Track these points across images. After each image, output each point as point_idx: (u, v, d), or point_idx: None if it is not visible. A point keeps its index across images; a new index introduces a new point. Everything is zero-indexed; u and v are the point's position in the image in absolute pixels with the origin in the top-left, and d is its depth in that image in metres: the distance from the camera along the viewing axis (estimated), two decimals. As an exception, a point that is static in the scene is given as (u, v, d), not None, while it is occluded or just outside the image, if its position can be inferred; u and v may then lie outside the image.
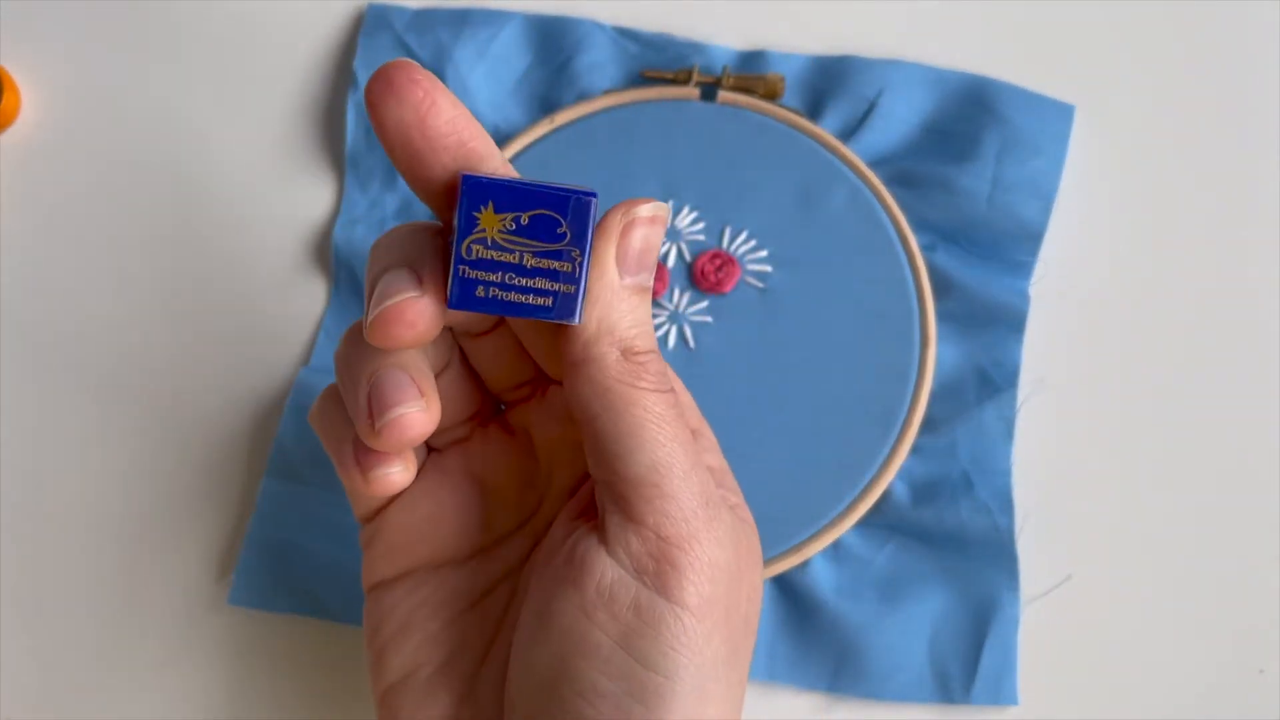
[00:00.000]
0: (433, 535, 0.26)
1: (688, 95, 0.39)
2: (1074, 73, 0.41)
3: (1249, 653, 0.35)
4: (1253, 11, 0.42)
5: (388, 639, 0.26)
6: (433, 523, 0.26)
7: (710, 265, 0.37)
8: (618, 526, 0.22)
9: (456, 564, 0.26)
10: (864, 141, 0.39)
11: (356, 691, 0.36)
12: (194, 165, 0.41)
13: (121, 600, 0.36)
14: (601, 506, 0.23)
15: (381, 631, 0.26)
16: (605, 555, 0.22)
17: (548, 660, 0.22)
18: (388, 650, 0.26)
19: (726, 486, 0.25)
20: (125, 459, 0.38)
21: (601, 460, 0.22)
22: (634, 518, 0.22)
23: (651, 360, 0.22)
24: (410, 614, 0.26)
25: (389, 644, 0.26)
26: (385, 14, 0.41)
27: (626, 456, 0.22)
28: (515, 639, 0.24)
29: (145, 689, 0.36)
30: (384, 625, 0.26)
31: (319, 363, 0.38)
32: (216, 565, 0.37)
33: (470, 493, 0.26)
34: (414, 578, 0.26)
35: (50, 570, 0.37)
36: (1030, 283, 0.38)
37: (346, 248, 0.39)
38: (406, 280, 0.21)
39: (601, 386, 0.22)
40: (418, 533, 0.26)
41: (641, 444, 0.22)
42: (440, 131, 0.21)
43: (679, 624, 0.22)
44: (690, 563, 0.22)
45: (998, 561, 0.35)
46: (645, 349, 0.22)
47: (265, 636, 0.36)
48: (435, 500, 0.26)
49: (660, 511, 0.22)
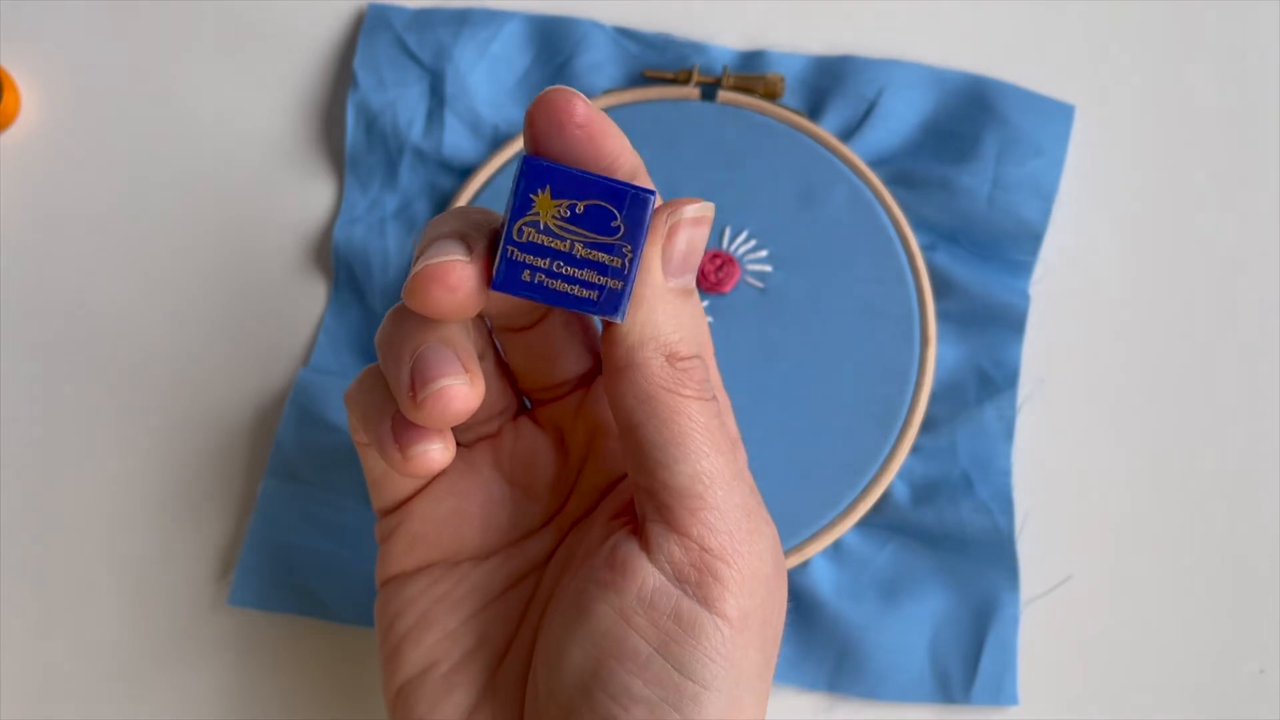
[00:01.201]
0: (457, 529, 0.26)
1: (688, 95, 0.39)
2: (1074, 72, 0.41)
3: (1249, 653, 0.35)
4: (1253, 11, 0.42)
5: (404, 633, 0.26)
6: (458, 516, 0.26)
7: (710, 265, 0.37)
8: (660, 534, 0.22)
9: (479, 559, 0.26)
10: (864, 141, 0.39)
11: (357, 691, 0.36)
12: (194, 165, 0.41)
13: (122, 600, 0.36)
14: (642, 511, 0.23)
15: (398, 626, 0.26)
16: (647, 562, 0.22)
17: (581, 661, 0.22)
18: (404, 645, 0.26)
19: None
20: (125, 459, 0.38)
21: (644, 467, 0.22)
22: (677, 527, 0.22)
23: (695, 367, 0.22)
24: (429, 608, 0.26)
25: (406, 638, 0.26)
26: (385, 14, 0.41)
27: (671, 465, 0.22)
28: (545, 636, 0.24)
29: (146, 689, 0.36)
30: (401, 619, 0.26)
31: (318, 363, 0.38)
32: (216, 565, 0.37)
33: (497, 488, 0.26)
34: (434, 571, 0.26)
35: (50, 570, 0.37)
36: (1030, 282, 0.38)
37: (346, 248, 0.39)
38: (456, 246, 0.21)
39: (645, 393, 0.22)
40: (442, 525, 0.26)
41: (685, 454, 0.22)
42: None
43: (719, 634, 0.22)
44: (733, 575, 0.22)
45: (998, 561, 0.35)
46: (689, 354, 0.22)
47: (265, 636, 0.36)
48: (461, 494, 0.26)
49: (704, 523, 0.22)
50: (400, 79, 0.40)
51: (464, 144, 0.39)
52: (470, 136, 0.40)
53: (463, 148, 0.39)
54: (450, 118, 0.39)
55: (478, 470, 0.26)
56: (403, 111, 0.40)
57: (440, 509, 0.26)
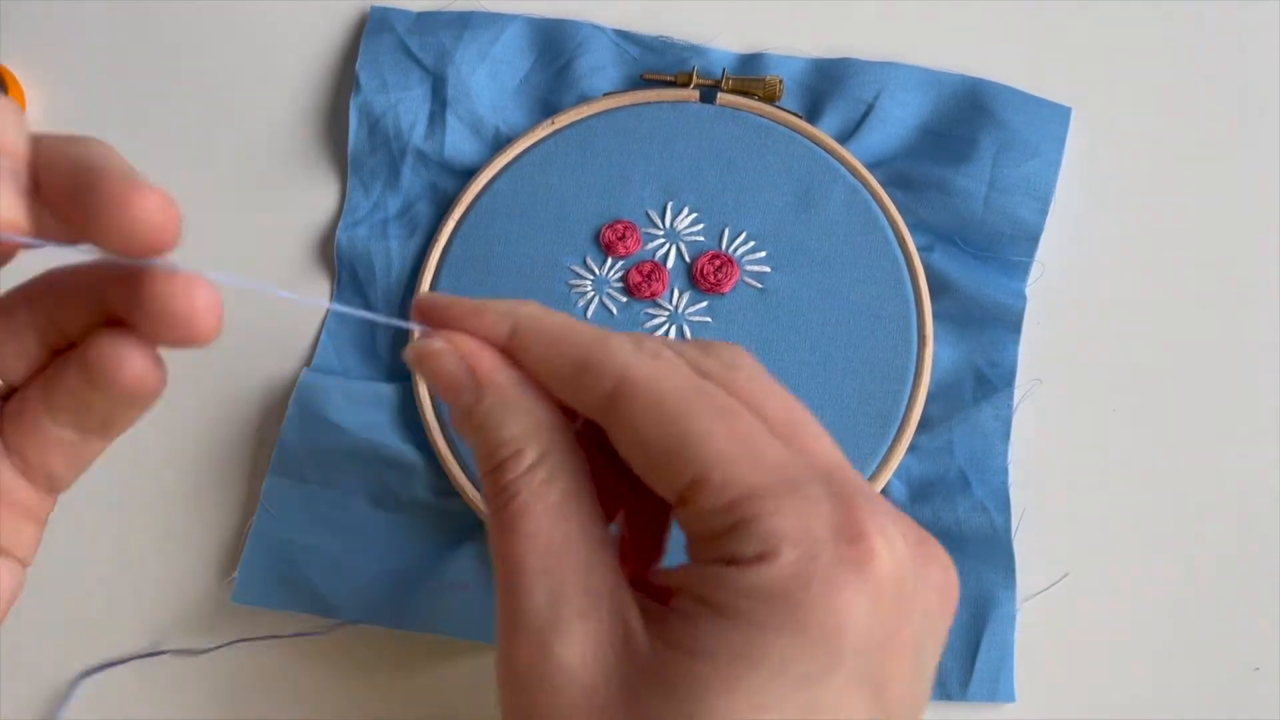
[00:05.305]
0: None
1: (687, 98, 0.40)
2: (1070, 75, 0.41)
3: (1245, 650, 0.35)
4: (1250, 12, 0.42)
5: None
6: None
7: (709, 266, 0.38)
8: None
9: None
10: (862, 143, 0.39)
11: (359, 690, 0.36)
12: (197, 166, 0.41)
13: (125, 598, 0.37)
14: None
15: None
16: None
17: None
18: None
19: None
20: (128, 459, 0.38)
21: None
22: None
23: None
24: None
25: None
26: (388, 16, 0.41)
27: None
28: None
29: (147, 688, 0.36)
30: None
31: (321, 363, 0.38)
32: (220, 563, 0.37)
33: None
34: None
35: (54, 569, 0.37)
36: (1027, 283, 0.38)
37: (349, 249, 0.39)
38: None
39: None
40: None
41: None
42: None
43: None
44: None
45: (995, 560, 0.35)
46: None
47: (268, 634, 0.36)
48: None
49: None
50: (402, 81, 0.40)
51: (466, 146, 0.40)
52: (472, 138, 0.40)
53: (464, 149, 0.40)
54: (452, 119, 0.40)
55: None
56: (405, 114, 0.40)
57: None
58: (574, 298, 0.38)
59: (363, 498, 0.37)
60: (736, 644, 0.20)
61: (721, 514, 0.20)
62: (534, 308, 0.24)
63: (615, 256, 0.38)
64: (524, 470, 0.22)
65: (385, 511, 0.37)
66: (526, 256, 0.38)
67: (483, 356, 0.23)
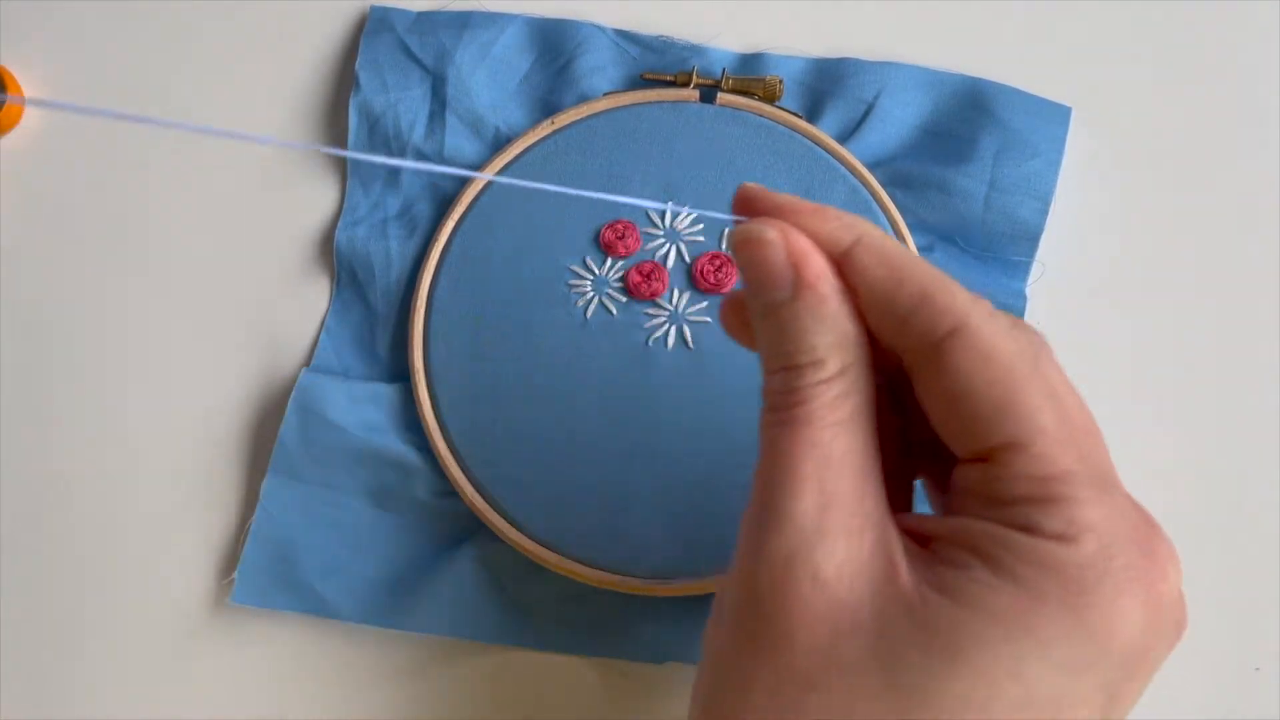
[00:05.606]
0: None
1: (687, 97, 0.39)
2: (1071, 74, 0.41)
3: (1245, 650, 0.35)
4: (1251, 12, 0.42)
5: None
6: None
7: (710, 266, 0.38)
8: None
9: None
10: (862, 143, 0.39)
11: (358, 691, 0.36)
12: (196, 166, 0.41)
13: (124, 600, 0.37)
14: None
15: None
16: None
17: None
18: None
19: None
20: (127, 459, 0.38)
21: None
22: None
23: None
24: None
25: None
26: (387, 16, 0.41)
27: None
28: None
29: (147, 688, 0.36)
30: None
31: (321, 363, 0.38)
32: (219, 564, 0.37)
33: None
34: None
35: (52, 570, 0.37)
36: (1027, 283, 0.38)
37: (348, 249, 0.39)
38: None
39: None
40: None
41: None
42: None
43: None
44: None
45: (995, 560, 0.35)
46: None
47: (268, 635, 0.36)
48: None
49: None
50: (402, 81, 0.40)
51: (465, 146, 0.40)
52: (471, 138, 0.40)
53: (464, 149, 0.40)
54: (452, 119, 0.40)
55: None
56: (404, 113, 0.40)
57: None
58: (574, 298, 0.38)
59: (362, 498, 0.37)
60: (1012, 608, 0.20)
61: (1032, 484, 0.21)
62: (875, 228, 0.23)
63: (615, 256, 0.38)
64: (820, 380, 0.22)
65: (385, 512, 0.37)
66: (526, 256, 0.38)
67: (813, 259, 0.23)
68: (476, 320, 0.37)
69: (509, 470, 0.36)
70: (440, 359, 0.37)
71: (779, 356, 0.23)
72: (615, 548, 0.35)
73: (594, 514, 0.36)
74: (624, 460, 0.36)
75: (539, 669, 0.36)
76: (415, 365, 0.37)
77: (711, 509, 0.35)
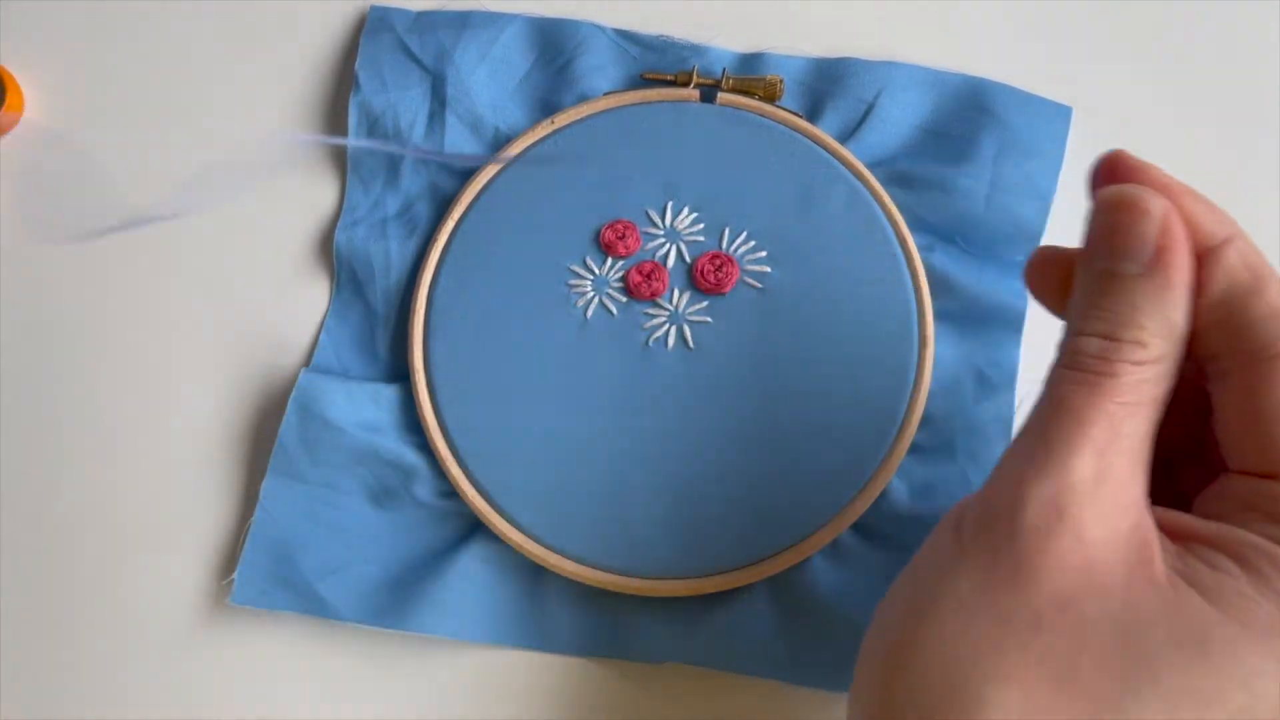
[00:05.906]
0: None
1: (687, 97, 0.39)
2: (1071, 74, 0.41)
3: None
4: (1252, 12, 0.42)
5: None
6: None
7: (710, 266, 0.38)
8: None
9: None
10: (862, 143, 0.39)
11: (359, 691, 0.36)
12: (196, 165, 0.41)
13: (123, 600, 0.37)
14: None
15: None
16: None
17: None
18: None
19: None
20: (126, 459, 0.38)
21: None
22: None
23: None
24: None
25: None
26: (387, 16, 0.41)
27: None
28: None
29: (147, 688, 0.36)
30: None
31: (320, 363, 0.38)
32: (219, 565, 0.37)
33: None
34: None
35: (51, 570, 0.37)
36: (1028, 283, 0.38)
37: (347, 249, 0.39)
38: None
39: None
40: None
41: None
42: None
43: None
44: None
45: (996, 560, 0.35)
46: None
47: (268, 635, 0.36)
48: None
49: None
50: (402, 81, 0.40)
51: (465, 145, 0.40)
52: (471, 138, 0.40)
53: (464, 149, 0.40)
54: (451, 119, 0.40)
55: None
56: (404, 113, 0.40)
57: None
58: (573, 297, 0.38)
59: (362, 498, 0.37)
60: (1269, 624, 0.21)
61: None
62: (1244, 232, 0.24)
63: (615, 256, 0.38)
64: (1136, 360, 0.23)
65: (385, 512, 0.37)
66: (526, 256, 0.38)
67: (1181, 247, 0.23)
68: (476, 320, 0.37)
69: (509, 470, 0.36)
70: (440, 359, 0.37)
71: (1102, 322, 0.23)
72: (615, 548, 0.35)
73: (594, 514, 0.36)
74: (624, 460, 0.36)
75: (539, 669, 0.36)
76: (415, 365, 0.37)
77: (711, 509, 0.35)
